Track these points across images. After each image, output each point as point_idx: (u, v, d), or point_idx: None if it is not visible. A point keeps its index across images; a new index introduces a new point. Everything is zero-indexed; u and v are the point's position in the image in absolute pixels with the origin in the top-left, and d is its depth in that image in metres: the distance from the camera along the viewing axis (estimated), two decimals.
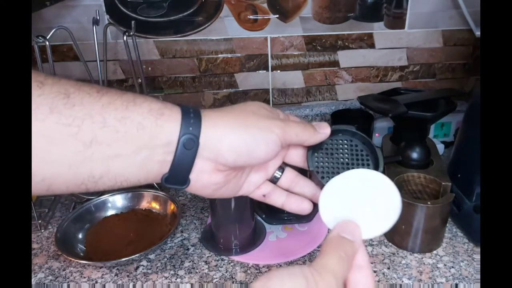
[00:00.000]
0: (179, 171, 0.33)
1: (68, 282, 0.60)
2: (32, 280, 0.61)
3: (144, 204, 0.74)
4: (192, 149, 0.33)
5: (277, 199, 0.41)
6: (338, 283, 0.28)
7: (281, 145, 0.35)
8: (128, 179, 0.32)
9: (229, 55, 0.92)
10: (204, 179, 0.35)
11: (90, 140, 0.30)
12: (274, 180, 0.41)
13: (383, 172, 0.36)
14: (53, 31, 0.69)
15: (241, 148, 0.34)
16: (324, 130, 0.38)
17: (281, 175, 0.41)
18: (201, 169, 0.34)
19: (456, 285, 0.58)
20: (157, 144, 0.32)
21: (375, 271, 0.60)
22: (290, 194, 0.41)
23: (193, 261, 0.63)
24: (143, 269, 0.62)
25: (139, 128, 0.31)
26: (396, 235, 0.64)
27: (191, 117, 0.33)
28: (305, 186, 0.41)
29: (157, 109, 0.32)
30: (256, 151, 0.34)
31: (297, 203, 0.41)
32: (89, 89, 0.30)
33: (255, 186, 0.40)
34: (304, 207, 0.41)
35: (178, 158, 0.33)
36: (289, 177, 0.41)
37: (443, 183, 0.63)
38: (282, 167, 0.41)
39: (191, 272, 0.61)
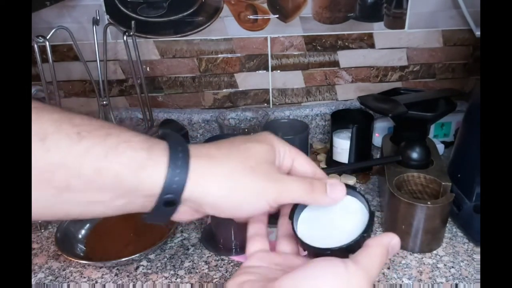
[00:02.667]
0: (159, 216, 0.33)
1: (68, 282, 0.60)
2: (32, 280, 0.61)
3: None
4: (173, 207, 0.32)
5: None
6: (369, 284, 0.30)
7: (271, 207, 0.34)
8: (108, 216, 0.32)
9: (229, 55, 0.92)
10: (185, 217, 0.34)
11: (64, 187, 0.29)
12: None
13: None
14: (53, 31, 0.69)
15: (224, 208, 0.32)
16: (335, 195, 0.34)
17: None
18: (182, 211, 0.33)
19: (456, 285, 0.58)
20: (137, 195, 0.31)
21: None
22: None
23: (193, 261, 0.63)
24: (143, 269, 0.62)
25: (116, 181, 0.29)
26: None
27: (177, 171, 0.30)
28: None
29: (140, 161, 0.30)
30: (241, 212, 0.33)
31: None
32: (69, 129, 0.29)
33: None
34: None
35: (157, 210, 0.32)
36: None
37: (443, 183, 0.63)
38: None
39: (191, 272, 0.61)
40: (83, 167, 0.28)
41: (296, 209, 0.35)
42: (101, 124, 0.30)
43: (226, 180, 0.32)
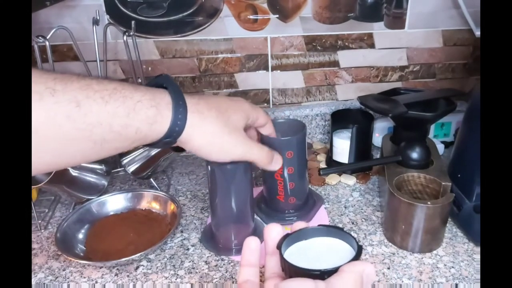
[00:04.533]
0: (157, 147, 0.50)
1: (68, 282, 0.60)
2: (32, 280, 0.61)
3: (144, 204, 0.74)
4: (169, 144, 0.44)
5: None
6: None
7: (242, 159, 0.51)
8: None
9: (229, 55, 0.92)
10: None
11: (100, 140, 0.38)
12: None
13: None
14: (53, 31, 0.69)
15: (203, 152, 0.47)
16: (277, 164, 0.57)
17: None
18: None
19: (456, 285, 0.58)
20: (147, 140, 0.43)
21: (375, 271, 0.60)
22: None
23: (193, 261, 0.63)
24: (143, 269, 0.62)
25: (137, 132, 0.40)
26: (396, 235, 0.64)
27: (178, 123, 0.42)
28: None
29: (153, 117, 0.41)
30: (217, 158, 0.48)
31: None
32: (94, 95, 0.37)
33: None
34: None
35: (156, 145, 0.44)
36: None
37: (443, 183, 0.63)
38: None
39: (191, 272, 0.61)
40: (113, 125, 0.38)
41: (283, 241, 0.35)
42: (114, 87, 0.38)
43: (210, 136, 0.46)
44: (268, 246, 0.37)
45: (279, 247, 0.35)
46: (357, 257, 0.33)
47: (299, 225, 0.37)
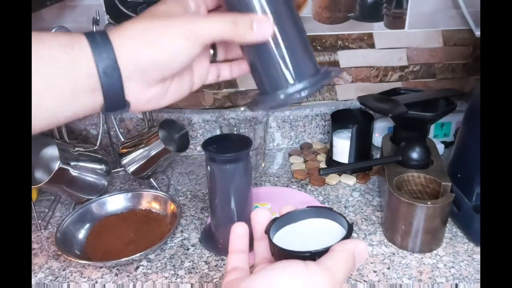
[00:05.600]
0: (113, 98, 0.33)
1: (68, 282, 0.60)
2: (32, 280, 0.61)
3: (144, 204, 0.74)
4: (114, 75, 0.32)
5: (226, 73, 0.42)
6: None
7: (197, 47, 0.33)
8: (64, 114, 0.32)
9: None
10: (142, 96, 0.34)
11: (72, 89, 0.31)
12: (213, 60, 0.40)
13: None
14: (53, 31, 0.69)
15: (160, 60, 0.32)
16: (262, 30, 0.33)
17: (215, 53, 0.40)
18: (133, 88, 0.33)
19: (456, 285, 0.58)
20: (79, 77, 0.31)
21: (375, 271, 0.60)
22: (231, 62, 0.42)
23: (193, 261, 0.63)
24: (143, 269, 0.62)
25: (53, 64, 0.31)
26: (396, 235, 0.64)
27: (100, 44, 0.32)
28: (237, 48, 0.40)
29: (65, 43, 0.31)
30: (175, 60, 0.33)
31: (239, 66, 0.41)
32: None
33: (201, 78, 0.41)
34: (244, 67, 0.41)
35: (105, 86, 0.32)
36: (222, 49, 0.41)
37: (443, 183, 0.63)
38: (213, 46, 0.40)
39: (191, 272, 0.61)
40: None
41: (271, 226, 0.34)
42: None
43: (145, 34, 0.32)
44: (255, 231, 0.36)
45: (267, 231, 0.34)
46: (348, 235, 0.32)
47: (287, 208, 0.36)
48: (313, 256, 0.31)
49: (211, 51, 0.40)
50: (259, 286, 0.29)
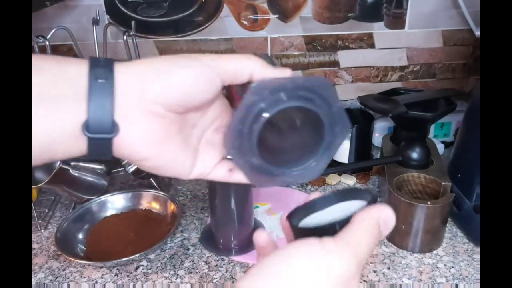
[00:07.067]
0: (100, 112, 0.26)
1: (68, 282, 0.60)
2: (32, 280, 0.61)
3: (144, 204, 0.74)
4: (108, 80, 0.26)
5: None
6: (358, 266, 0.26)
7: (218, 77, 0.28)
8: (38, 135, 0.26)
9: None
10: (137, 125, 0.27)
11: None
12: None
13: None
14: (53, 31, 0.69)
15: (166, 76, 0.27)
16: (280, 72, 0.29)
17: None
18: (128, 110, 0.27)
19: (456, 285, 0.58)
20: (62, 85, 0.26)
21: (375, 271, 0.60)
22: None
23: (193, 261, 0.63)
24: (143, 269, 0.62)
25: (39, 73, 0.26)
26: (396, 235, 0.64)
27: (100, 59, 0.27)
28: None
29: (62, 57, 0.27)
30: (185, 79, 0.27)
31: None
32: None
33: (213, 159, 0.34)
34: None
35: (93, 94, 0.26)
36: None
37: (443, 183, 0.63)
38: None
39: (191, 272, 0.61)
40: None
41: (294, 214, 0.32)
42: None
43: (155, 59, 0.28)
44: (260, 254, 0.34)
45: (289, 216, 0.31)
46: (370, 204, 0.29)
47: (313, 196, 0.33)
48: (332, 228, 0.27)
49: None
50: (270, 276, 0.25)
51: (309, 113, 0.29)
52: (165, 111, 0.28)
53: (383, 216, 0.28)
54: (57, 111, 0.26)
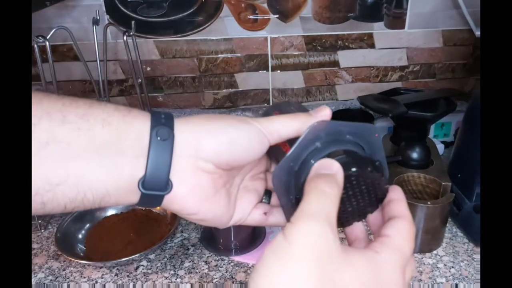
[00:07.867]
0: (157, 170, 0.28)
1: (68, 282, 0.60)
2: (32, 280, 0.61)
3: None
4: (168, 140, 0.28)
5: (279, 216, 0.35)
6: (323, 227, 0.24)
7: (267, 138, 0.31)
8: (93, 187, 0.27)
9: (229, 55, 0.92)
10: (188, 182, 0.29)
11: (46, 139, 0.26)
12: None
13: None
14: (53, 31, 0.69)
15: (222, 137, 0.29)
16: (321, 113, 0.33)
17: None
18: (182, 168, 0.29)
19: (456, 285, 0.58)
20: (126, 140, 0.27)
21: None
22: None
23: (193, 261, 0.63)
24: (143, 269, 0.62)
25: (105, 125, 0.27)
26: None
27: (162, 115, 0.29)
28: None
29: (124, 109, 0.28)
30: (238, 140, 0.29)
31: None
32: (48, 93, 0.28)
33: (250, 204, 0.35)
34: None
35: (153, 152, 0.28)
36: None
37: (443, 183, 0.63)
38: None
39: (191, 272, 0.61)
40: (68, 116, 0.27)
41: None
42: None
43: (211, 117, 0.30)
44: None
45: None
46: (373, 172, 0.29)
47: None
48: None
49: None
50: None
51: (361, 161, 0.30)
52: (215, 168, 0.30)
53: (319, 167, 0.29)
54: (117, 166, 0.27)
